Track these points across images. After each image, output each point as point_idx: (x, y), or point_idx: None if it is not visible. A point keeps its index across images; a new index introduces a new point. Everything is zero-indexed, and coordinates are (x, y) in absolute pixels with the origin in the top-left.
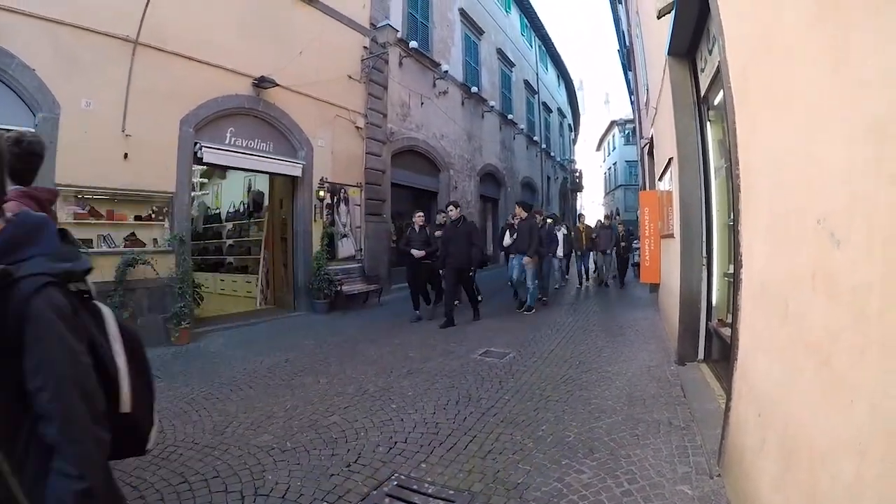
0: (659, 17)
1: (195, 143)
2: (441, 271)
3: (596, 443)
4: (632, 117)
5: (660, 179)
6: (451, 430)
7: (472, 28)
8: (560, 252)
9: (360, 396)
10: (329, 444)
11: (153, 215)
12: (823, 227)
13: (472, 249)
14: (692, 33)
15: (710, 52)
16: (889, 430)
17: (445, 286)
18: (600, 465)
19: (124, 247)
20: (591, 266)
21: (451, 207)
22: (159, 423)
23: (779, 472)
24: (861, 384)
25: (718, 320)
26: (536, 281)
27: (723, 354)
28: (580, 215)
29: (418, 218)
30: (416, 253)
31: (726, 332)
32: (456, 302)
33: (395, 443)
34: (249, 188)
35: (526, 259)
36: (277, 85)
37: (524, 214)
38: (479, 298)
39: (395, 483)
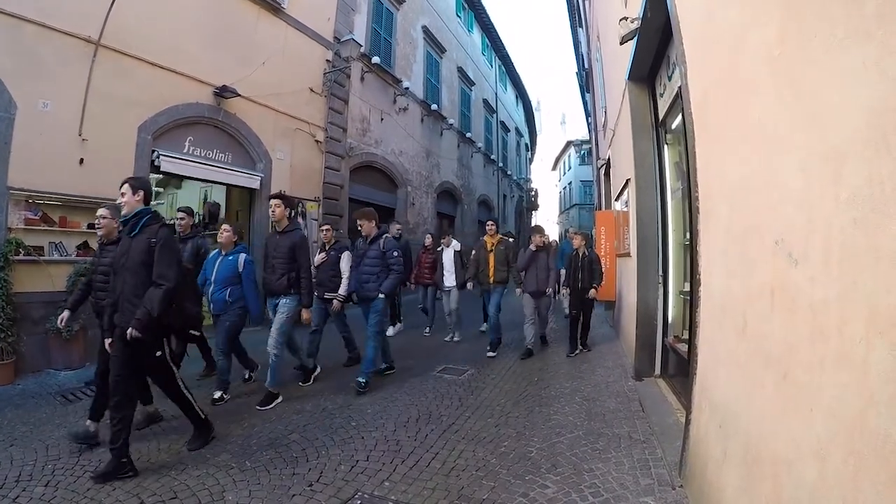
0: (622, 43)
1: (153, 151)
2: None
3: (558, 458)
4: (587, 138)
5: (616, 199)
6: (413, 447)
7: (435, 46)
8: (451, 281)
9: (319, 414)
10: (289, 463)
11: None
12: (781, 248)
13: (157, 293)
14: (652, 59)
15: (670, 77)
16: (849, 436)
17: (112, 375)
18: (564, 479)
19: (76, 255)
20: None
21: (123, 186)
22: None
23: (742, 480)
24: (820, 394)
25: (674, 337)
26: (278, 348)
27: (679, 370)
28: (489, 221)
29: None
30: None
31: (682, 348)
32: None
33: (357, 461)
34: (205, 199)
35: (305, 314)
36: (239, 95)
37: (284, 221)
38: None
39: (359, 502)
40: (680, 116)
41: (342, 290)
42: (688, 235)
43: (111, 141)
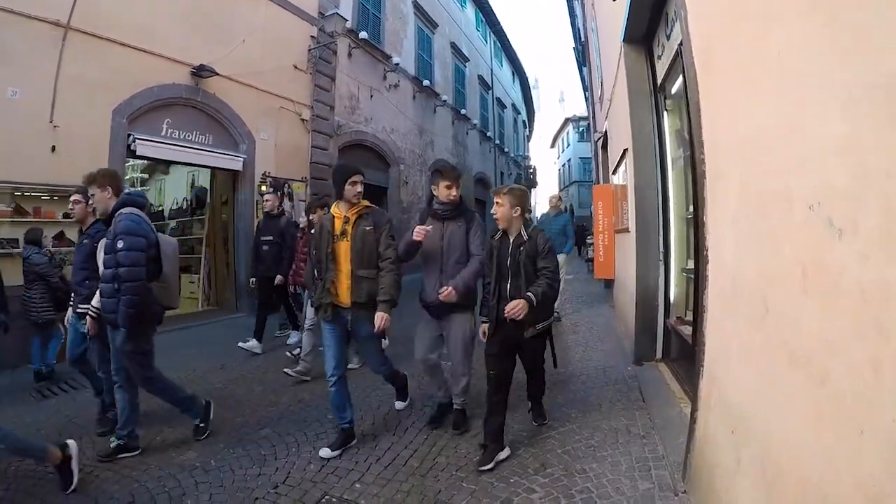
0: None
1: (128, 135)
2: None
3: (548, 456)
4: (586, 115)
5: (614, 173)
6: (391, 443)
7: (426, 21)
8: None
9: (294, 406)
10: (257, 462)
11: None
12: (818, 214)
13: None
14: (649, 18)
15: (668, 36)
16: None
17: None
18: (553, 482)
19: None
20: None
21: None
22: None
23: (760, 500)
24: (876, 412)
25: (677, 318)
26: None
27: (682, 353)
28: (340, 168)
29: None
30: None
31: (685, 330)
32: None
33: (329, 459)
34: (192, 184)
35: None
36: (218, 74)
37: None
38: None
39: None
40: (680, 78)
41: (95, 301)
42: (691, 208)
43: (84, 127)
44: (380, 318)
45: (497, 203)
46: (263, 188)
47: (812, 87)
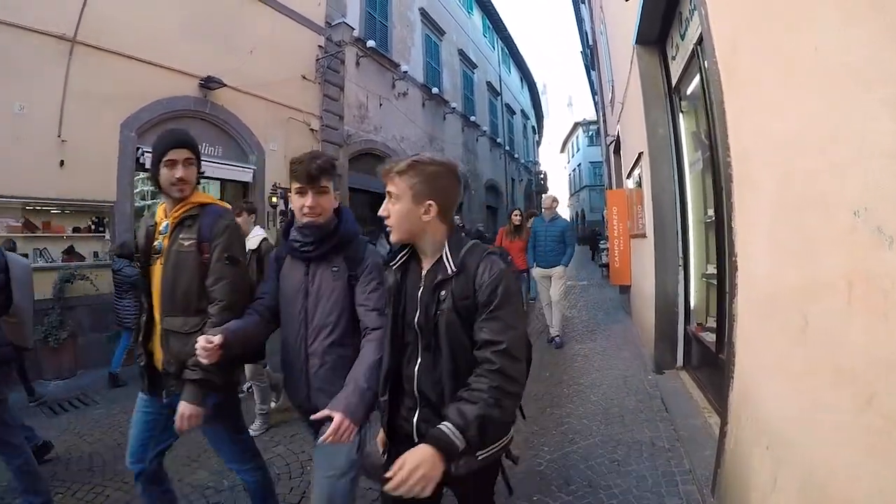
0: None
1: (137, 149)
2: None
3: (571, 471)
4: (595, 118)
5: (628, 177)
6: None
7: (433, 28)
8: None
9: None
10: None
11: (92, 227)
12: (864, 221)
13: None
14: (662, 19)
15: (683, 36)
16: None
17: None
18: (577, 499)
19: (62, 261)
20: None
21: None
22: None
23: None
24: None
25: (698, 325)
26: None
27: (704, 361)
28: (156, 139)
29: None
30: None
31: (708, 337)
32: None
33: None
34: None
35: None
36: (226, 86)
37: None
38: None
39: None
40: (697, 79)
41: None
42: (710, 212)
43: (92, 141)
44: (183, 414)
45: (389, 194)
46: (274, 199)
47: (857, 83)
